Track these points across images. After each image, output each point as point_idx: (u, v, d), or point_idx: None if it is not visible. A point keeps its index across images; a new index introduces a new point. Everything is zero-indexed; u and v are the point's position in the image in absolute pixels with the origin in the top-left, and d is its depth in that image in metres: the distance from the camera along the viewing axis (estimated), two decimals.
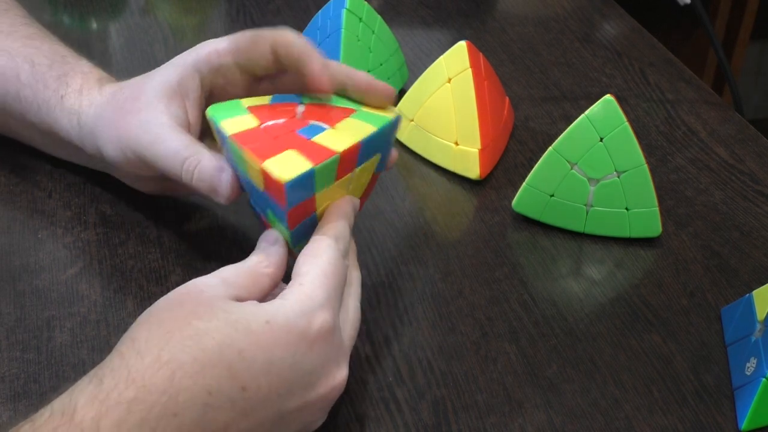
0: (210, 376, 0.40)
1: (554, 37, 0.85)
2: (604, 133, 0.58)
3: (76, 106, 0.57)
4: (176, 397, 0.39)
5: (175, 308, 0.42)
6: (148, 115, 0.53)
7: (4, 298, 0.54)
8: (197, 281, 0.44)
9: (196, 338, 0.40)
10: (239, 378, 0.41)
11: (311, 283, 0.44)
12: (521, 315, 0.55)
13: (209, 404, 0.40)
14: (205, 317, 0.41)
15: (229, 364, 0.40)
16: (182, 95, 0.54)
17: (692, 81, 0.79)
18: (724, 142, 0.72)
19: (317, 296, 0.44)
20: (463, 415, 0.49)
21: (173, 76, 0.54)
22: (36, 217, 0.60)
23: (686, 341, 0.54)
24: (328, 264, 0.45)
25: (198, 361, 0.40)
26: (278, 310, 0.43)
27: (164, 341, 0.40)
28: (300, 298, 0.43)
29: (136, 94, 0.54)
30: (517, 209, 0.62)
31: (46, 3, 0.85)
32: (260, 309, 0.42)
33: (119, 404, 0.38)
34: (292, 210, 0.46)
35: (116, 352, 0.41)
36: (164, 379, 0.39)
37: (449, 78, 0.65)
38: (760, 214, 0.64)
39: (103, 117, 0.55)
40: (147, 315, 0.42)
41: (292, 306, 0.43)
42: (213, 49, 0.54)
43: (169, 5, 0.86)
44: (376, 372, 0.51)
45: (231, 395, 0.40)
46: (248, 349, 0.41)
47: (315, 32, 0.71)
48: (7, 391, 0.49)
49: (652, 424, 0.49)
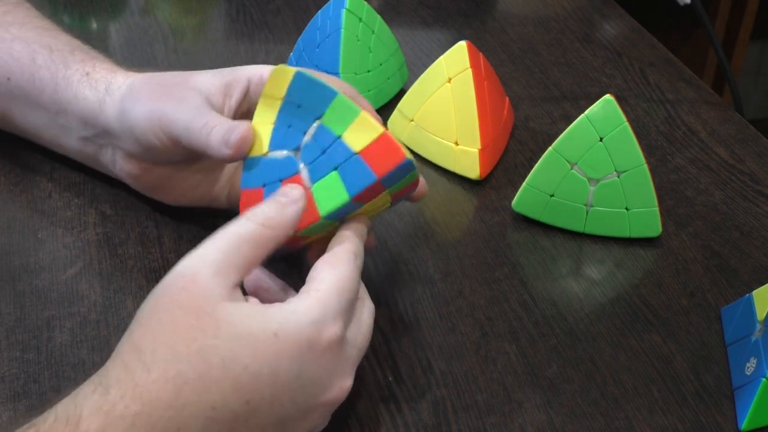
0: (215, 392, 0.40)
1: (554, 37, 0.85)
2: (604, 133, 0.58)
3: (109, 77, 0.57)
4: (180, 412, 0.39)
5: (177, 312, 0.41)
6: (189, 93, 0.53)
7: (4, 298, 0.54)
8: (194, 276, 0.42)
9: (201, 354, 0.40)
10: (243, 392, 0.41)
11: (327, 291, 0.44)
12: (521, 315, 0.55)
13: (212, 418, 0.40)
14: (210, 332, 0.41)
15: (234, 379, 0.40)
16: (226, 94, 0.54)
17: (692, 81, 0.79)
18: (724, 142, 0.72)
19: (331, 306, 0.43)
20: (463, 415, 0.49)
21: (225, 76, 0.55)
22: (36, 217, 0.60)
23: (686, 341, 0.54)
24: (346, 274, 0.45)
25: (204, 377, 0.40)
26: (288, 319, 0.42)
27: (170, 355, 0.40)
28: (313, 307, 0.43)
29: (180, 81, 0.55)
30: (517, 209, 0.62)
31: (46, 3, 0.85)
32: (269, 319, 0.42)
33: (124, 418, 0.38)
34: (375, 186, 0.46)
35: (120, 361, 0.40)
36: (170, 395, 0.39)
37: (449, 78, 0.65)
38: (760, 214, 0.64)
39: (140, 90, 0.55)
40: (145, 315, 0.42)
41: (305, 315, 0.42)
42: (263, 73, 0.54)
43: (169, 5, 0.86)
44: (376, 372, 0.51)
45: (234, 409, 0.41)
46: (253, 364, 0.41)
47: (315, 32, 0.71)
48: (7, 391, 0.49)
49: (652, 424, 0.49)
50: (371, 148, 0.46)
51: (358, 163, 0.46)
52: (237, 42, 0.81)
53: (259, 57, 0.78)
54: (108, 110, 0.56)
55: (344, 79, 0.69)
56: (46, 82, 0.59)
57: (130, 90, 0.56)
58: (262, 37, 0.82)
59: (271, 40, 0.81)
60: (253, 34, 0.82)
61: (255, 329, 0.41)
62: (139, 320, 0.42)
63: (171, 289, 0.42)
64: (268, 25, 0.83)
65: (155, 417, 0.39)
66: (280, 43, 0.81)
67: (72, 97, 0.58)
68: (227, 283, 0.42)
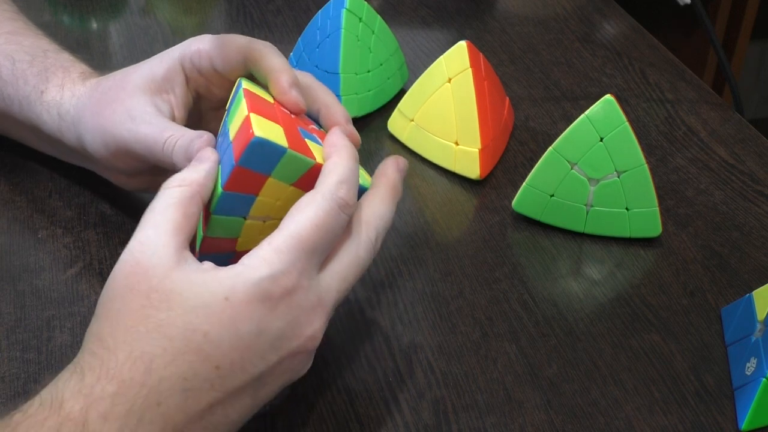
0: (182, 363, 0.41)
1: (554, 37, 0.85)
2: (604, 133, 0.58)
3: (57, 98, 0.56)
4: (156, 388, 0.40)
5: (128, 296, 0.41)
6: (132, 102, 0.53)
7: (4, 298, 0.54)
8: (136, 258, 0.42)
9: (160, 330, 0.41)
10: (211, 359, 0.41)
11: (282, 241, 0.43)
12: (521, 315, 0.55)
13: (188, 389, 0.41)
14: (163, 307, 0.41)
15: (197, 348, 0.41)
16: (167, 89, 0.54)
17: (692, 81, 0.79)
18: (724, 142, 0.72)
19: (285, 256, 0.42)
20: (463, 415, 0.49)
21: (159, 69, 0.54)
22: (36, 217, 0.60)
23: (686, 341, 0.54)
24: (307, 222, 0.43)
25: (168, 352, 0.40)
26: (236, 281, 0.42)
27: (130, 337, 0.41)
28: (262, 262, 0.42)
29: (120, 84, 0.54)
30: (517, 209, 0.62)
31: (46, 3, 0.85)
32: (218, 283, 0.42)
33: (103, 398, 0.39)
34: (239, 171, 0.45)
35: (87, 350, 0.41)
36: (141, 373, 0.40)
37: (449, 78, 0.65)
38: (760, 214, 0.64)
39: (86, 107, 0.55)
40: (101, 307, 0.42)
41: (253, 272, 0.42)
42: (197, 48, 0.54)
43: (169, 5, 0.86)
44: (376, 372, 0.51)
45: (207, 376, 0.41)
46: (212, 330, 0.41)
47: (315, 32, 0.71)
48: (7, 391, 0.49)
49: (652, 424, 0.49)
50: (237, 135, 0.45)
51: (229, 151, 0.46)
52: None
53: None
54: (67, 136, 0.57)
55: (344, 79, 0.69)
56: (13, 98, 0.58)
57: (78, 115, 0.55)
58: (262, 37, 0.81)
59: (271, 40, 0.81)
60: (253, 34, 0.82)
61: (206, 296, 0.41)
62: (97, 314, 0.43)
63: (118, 276, 0.43)
64: (268, 25, 0.83)
65: (132, 395, 0.40)
66: (280, 43, 0.81)
67: (36, 117, 0.58)
68: (169, 252, 0.42)
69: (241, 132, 0.45)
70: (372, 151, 0.69)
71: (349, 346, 0.53)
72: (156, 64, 0.54)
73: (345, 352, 0.52)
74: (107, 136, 0.53)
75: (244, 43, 0.52)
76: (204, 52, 0.53)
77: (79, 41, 0.79)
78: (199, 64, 0.54)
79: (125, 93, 0.53)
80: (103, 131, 0.54)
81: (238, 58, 0.52)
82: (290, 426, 0.48)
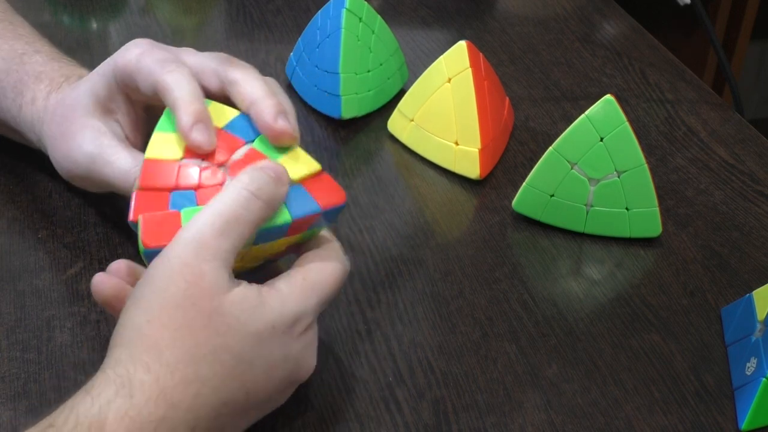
0: (227, 390, 0.42)
1: (554, 37, 0.85)
2: (604, 133, 0.58)
3: (29, 116, 0.56)
4: (197, 412, 0.41)
5: (190, 311, 0.41)
6: (87, 137, 0.53)
7: (4, 298, 0.54)
8: (200, 268, 0.42)
9: (215, 354, 0.41)
10: (246, 385, 0.43)
11: (313, 281, 0.45)
12: (521, 315, 0.55)
13: (222, 413, 0.42)
14: (222, 330, 0.42)
15: (240, 374, 0.42)
16: (113, 109, 0.53)
17: (692, 81, 0.79)
18: (724, 142, 0.72)
19: (314, 296, 0.45)
20: (463, 415, 0.49)
21: (99, 88, 0.53)
22: (36, 217, 0.60)
23: (686, 341, 0.54)
24: (336, 271, 0.46)
25: (218, 376, 0.41)
26: (281, 309, 0.44)
27: (189, 357, 0.41)
28: (300, 295, 0.45)
29: (69, 114, 0.54)
30: (517, 209, 0.62)
31: (46, 3, 0.85)
32: (268, 310, 0.43)
33: (150, 422, 0.39)
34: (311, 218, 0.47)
35: (140, 361, 0.40)
36: (191, 397, 0.41)
37: (449, 78, 0.65)
38: (760, 214, 0.64)
39: (49, 137, 0.55)
40: (158, 308, 0.41)
41: (293, 302, 0.44)
42: (127, 61, 0.51)
43: (169, 5, 0.86)
44: (376, 372, 0.51)
45: (238, 401, 0.43)
46: (257, 360, 0.43)
47: (315, 32, 0.71)
48: (7, 391, 0.49)
49: (652, 424, 0.49)
50: (311, 181, 0.47)
51: (299, 190, 0.47)
52: (237, 42, 0.81)
53: (259, 57, 0.78)
54: (46, 152, 0.56)
55: (344, 79, 0.69)
56: (2, 108, 0.58)
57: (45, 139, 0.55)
58: (262, 37, 0.82)
59: (271, 40, 0.81)
60: (253, 34, 0.82)
61: (258, 325, 0.43)
62: (146, 310, 0.41)
63: (177, 280, 0.41)
64: (268, 25, 0.83)
65: (177, 420, 0.40)
66: (280, 43, 0.81)
67: (21, 130, 0.58)
68: (228, 271, 0.43)
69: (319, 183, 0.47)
70: (372, 151, 0.69)
71: (349, 346, 0.53)
72: (96, 81, 0.53)
73: (345, 352, 0.52)
74: (76, 169, 0.54)
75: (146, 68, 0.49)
76: (132, 66, 0.50)
77: (79, 41, 0.79)
78: (129, 79, 0.51)
79: (76, 126, 0.53)
80: (71, 165, 0.54)
81: (145, 86, 0.50)
82: (290, 426, 0.48)
